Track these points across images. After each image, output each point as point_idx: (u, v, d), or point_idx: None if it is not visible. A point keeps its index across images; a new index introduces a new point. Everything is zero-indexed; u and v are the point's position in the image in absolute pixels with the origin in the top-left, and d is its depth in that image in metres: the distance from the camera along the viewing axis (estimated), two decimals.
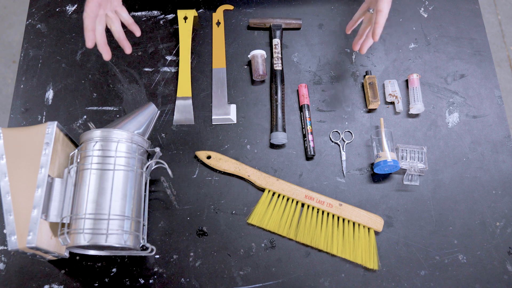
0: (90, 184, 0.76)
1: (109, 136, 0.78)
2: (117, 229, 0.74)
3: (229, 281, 0.83)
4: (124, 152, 0.79)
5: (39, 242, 0.71)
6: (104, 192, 0.75)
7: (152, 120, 0.85)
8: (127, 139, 0.79)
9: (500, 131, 0.96)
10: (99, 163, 0.77)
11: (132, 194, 0.78)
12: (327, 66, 1.01)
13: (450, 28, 1.05)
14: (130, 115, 0.84)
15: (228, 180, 0.91)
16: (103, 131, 0.79)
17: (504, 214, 0.89)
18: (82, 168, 0.77)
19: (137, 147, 0.81)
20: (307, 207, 0.88)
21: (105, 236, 0.73)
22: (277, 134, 0.91)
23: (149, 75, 0.99)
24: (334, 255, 0.85)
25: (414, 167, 0.89)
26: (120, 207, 0.75)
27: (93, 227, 0.73)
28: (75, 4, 1.06)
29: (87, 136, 0.79)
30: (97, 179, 0.76)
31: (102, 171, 0.76)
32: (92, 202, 0.74)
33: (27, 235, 0.71)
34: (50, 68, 1.00)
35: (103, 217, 0.74)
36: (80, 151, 0.79)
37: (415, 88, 0.96)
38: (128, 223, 0.76)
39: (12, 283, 0.83)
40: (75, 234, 0.73)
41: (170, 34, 1.03)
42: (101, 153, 0.77)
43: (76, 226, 0.74)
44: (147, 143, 0.83)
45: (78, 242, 0.73)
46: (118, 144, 0.78)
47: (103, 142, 0.78)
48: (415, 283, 0.84)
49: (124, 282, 0.83)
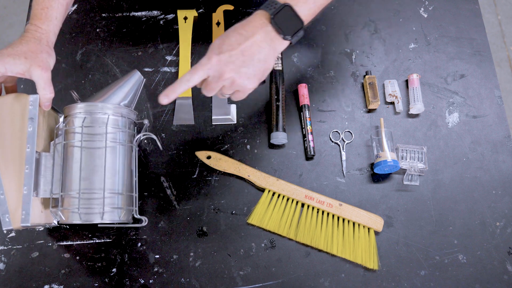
0: (81, 161, 0.74)
1: (96, 110, 0.76)
2: (111, 205, 0.74)
3: (229, 281, 0.83)
4: (113, 126, 0.77)
5: (32, 220, 0.71)
6: (97, 170, 0.74)
7: (138, 89, 0.82)
8: (115, 112, 0.77)
9: (500, 131, 0.96)
10: (88, 140, 0.75)
11: (123, 169, 0.77)
12: (327, 66, 1.01)
13: (450, 28, 1.05)
14: (114, 85, 0.81)
15: (228, 180, 0.91)
16: (89, 105, 0.76)
17: (504, 214, 0.89)
18: (71, 144, 0.76)
19: (126, 120, 0.78)
20: (307, 207, 0.88)
21: (100, 214, 0.73)
22: (277, 134, 0.91)
23: (149, 75, 0.99)
24: (334, 255, 0.85)
25: (414, 167, 0.89)
26: (112, 183, 0.75)
27: (87, 206, 0.73)
28: (75, 4, 1.06)
29: (73, 109, 0.77)
30: (88, 155, 0.75)
31: (93, 148, 0.75)
32: (84, 180, 0.74)
33: (20, 214, 0.70)
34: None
35: (96, 195, 0.74)
36: (66, 126, 0.77)
37: (415, 88, 0.96)
38: (121, 199, 0.75)
39: (12, 283, 0.83)
40: (69, 212, 0.73)
41: (170, 34, 1.03)
42: (90, 129, 0.76)
43: (69, 204, 0.74)
44: (134, 114, 0.81)
45: (72, 220, 0.74)
46: (108, 119, 0.76)
47: (90, 117, 0.76)
48: (415, 283, 0.84)
49: (124, 282, 0.83)
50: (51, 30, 0.78)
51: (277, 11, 0.70)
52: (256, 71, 0.72)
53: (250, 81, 0.72)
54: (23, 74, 0.73)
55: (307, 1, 0.72)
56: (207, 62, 0.70)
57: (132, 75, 0.82)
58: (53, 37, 0.78)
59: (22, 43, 0.74)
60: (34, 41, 0.75)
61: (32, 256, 0.85)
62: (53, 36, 0.78)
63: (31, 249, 0.85)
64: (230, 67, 0.70)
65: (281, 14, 0.71)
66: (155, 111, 0.96)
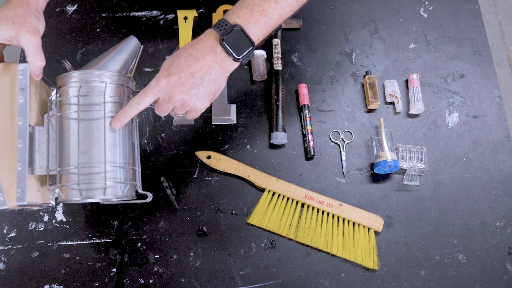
0: (79, 134, 0.68)
1: (92, 79, 0.70)
2: (113, 179, 0.69)
3: (229, 281, 0.83)
4: (111, 95, 0.71)
5: (29, 198, 0.66)
6: (96, 142, 0.68)
7: (136, 56, 0.76)
8: (112, 81, 0.71)
9: (500, 131, 0.96)
10: (85, 111, 0.69)
11: (124, 141, 0.71)
12: (327, 66, 1.01)
13: (450, 28, 1.05)
14: (110, 52, 0.75)
15: (228, 180, 0.91)
16: (84, 73, 0.70)
17: (504, 214, 0.89)
18: (66, 117, 0.70)
19: (125, 89, 0.73)
20: (307, 207, 0.88)
21: (102, 189, 0.67)
22: (277, 134, 0.91)
23: (149, 75, 0.99)
24: (334, 255, 0.85)
25: (414, 167, 0.89)
26: (113, 157, 0.69)
27: (88, 181, 0.67)
28: (75, 4, 1.06)
29: (66, 79, 0.71)
30: (86, 127, 0.69)
31: (90, 119, 0.69)
32: (83, 154, 0.68)
33: (15, 192, 0.65)
34: (50, 68, 1.00)
35: (96, 169, 0.68)
36: (60, 97, 0.71)
37: (415, 88, 0.97)
38: (123, 172, 0.70)
39: (12, 283, 0.83)
40: (69, 189, 0.68)
41: (170, 34, 1.03)
42: (86, 98, 0.69)
43: (68, 180, 0.68)
44: (133, 82, 0.76)
45: (73, 197, 0.68)
46: (106, 88, 0.70)
47: (86, 86, 0.70)
48: (415, 283, 0.84)
49: (124, 282, 0.83)
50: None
51: (227, 32, 0.69)
52: (207, 91, 0.70)
53: (201, 101, 0.71)
54: (10, 40, 0.68)
55: (258, 21, 0.70)
56: (156, 85, 0.68)
57: (129, 41, 0.76)
58: (43, 1, 0.74)
59: (9, 8, 0.69)
60: (22, 5, 0.70)
61: (32, 256, 0.85)
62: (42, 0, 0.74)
63: (31, 249, 0.85)
64: (179, 89, 0.68)
65: (231, 36, 0.69)
66: (155, 111, 0.96)
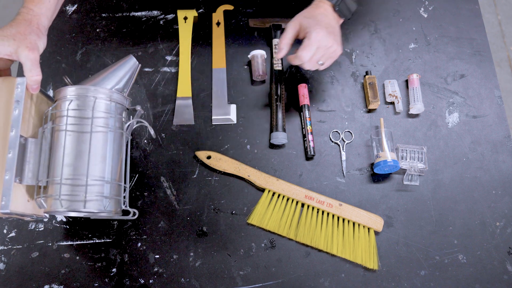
0: (66, 146, 0.71)
1: (86, 94, 0.73)
2: (97, 194, 0.70)
3: (229, 281, 0.83)
4: (103, 111, 0.73)
5: (14, 207, 0.67)
6: (82, 155, 0.70)
7: (132, 74, 0.79)
8: (106, 97, 0.74)
9: (500, 131, 0.96)
10: (75, 124, 0.71)
11: (111, 156, 0.73)
12: None
13: (450, 28, 1.05)
14: (108, 69, 0.78)
15: (228, 180, 0.91)
16: (79, 88, 0.73)
17: (504, 214, 0.89)
18: (57, 129, 0.72)
19: (116, 105, 0.75)
20: (307, 207, 0.88)
21: (83, 202, 0.69)
22: (277, 134, 0.91)
23: (149, 75, 0.99)
24: (334, 255, 0.85)
25: (414, 167, 0.89)
26: (99, 170, 0.71)
27: (71, 193, 0.69)
28: (75, 4, 1.06)
29: (62, 93, 0.74)
30: (74, 140, 0.71)
31: (79, 133, 0.71)
32: (68, 166, 0.70)
33: (0, 200, 0.66)
34: (50, 68, 1.00)
35: (80, 182, 0.69)
36: (54, 110, 0.74)
37: (415, 88, 0.96)
38: (108, 187, 0.72)
39: (12, 283, 0.83)
40: (52, 199, 0.70)
41: (170, 34, 1.03)
42: (77, 112, 0.72)
43: (53, 191, 0.70)
44: (127, 100, 0.78)
45: (55, 208, 0.69)
46: (95, 103, 0.72)
47: (79, 101, 0.72)
48: (415, 283, 0.84)
49: (124, 282, 0.83)
50: (43, 13, 0.76)
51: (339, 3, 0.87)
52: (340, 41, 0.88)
53: (340, 47, 0.88)
54: (10, 55, 0.72)
55: None
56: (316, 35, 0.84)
57: (127, 60, 0.79)
58: (45, 20, 0.77)
59: (12, 26, 0.73)
60: (24, 23, 0.74)
61: (32, 256, 0.85)
62: (45, 19, 0.77)
63: (31, 249, 0.85)
64: (332, 37, 0.85)
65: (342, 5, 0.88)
66: (155, 111, 0.96)
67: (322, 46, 0.85)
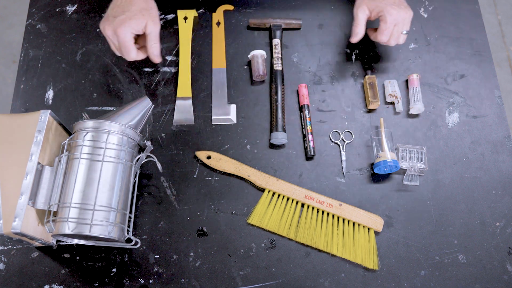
0: (78, 174, 0.76)
1: (101, 127, 0.79)
2: (102, 220, 0.75)
3: (229, 281, 0.83)
4: (115, 144, 0.79)
5: (25, 228, 0.72)
6: (92, 183, 0.76)
7: (145, 113, 0.86)
8: (118, 131, 0.80)
9: (500, 131, 0.96)
10: (88, 153, 0.77)
11: (119, 186, 0.78)
12: (327, 66, 1.01)
13: (450, 28, 1.05)
14: (124, 108, 0.84)
15: (228, 180, 0.91)
16: (95, 122, 0.79)
17: (504, 214, 0.89)
18: (72, 158, 0.78)
19: (128, 139, 0.81)
20: (307, 207, 0.88)
21: (89, 226, 0.74)
22: (277, 134, 0.91)
23: (149, 75, 0.99)
24: (334, 255, 0.85)
25: (414, 167, 0.89)
26: (107, 198, 0.76)
27: (78, 217, 0.74)
28: (75, 4, 1.06)
29: (80, 126, 0.80)
30: (86, 169, 0.77)
31: (91, 162, 0.77)
32: (79, 192, 0.75)
33: (12, 220, 0.71)
34: (50, 68, 1.00)
35: (88, 207, 0.74)
36: (71, 140, 0.80)
37: (415, 88, 0.97)
38: (114, 215, 0.76)
39: (12, 283, 0.83)
40: (60, 222, 0.74)
41: (170, 34, 1.03)
42: (91, 143, 0.78)
43: (62, 214, 0.75)
44: (138, 136, 0.84)
45: (63, 230, 0.74)
46: (108, 136, 0.79)
47: (94, 133, 0.79)
48: (415, 283, 0.84)
49: (124, 282, 0.83)
50: None
51: None
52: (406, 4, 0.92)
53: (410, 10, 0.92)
54: (139, 31, 0.85)
55: None
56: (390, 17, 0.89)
57: (142, 100, 0.86)
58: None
59: (133, 4, 0.85)
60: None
61: (32, 256, 0.85)
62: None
63: (31, 249, 0.85)
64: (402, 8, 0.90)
65: None
66: (155, 111, 0.96)
67: (398, 22, 0.90)
